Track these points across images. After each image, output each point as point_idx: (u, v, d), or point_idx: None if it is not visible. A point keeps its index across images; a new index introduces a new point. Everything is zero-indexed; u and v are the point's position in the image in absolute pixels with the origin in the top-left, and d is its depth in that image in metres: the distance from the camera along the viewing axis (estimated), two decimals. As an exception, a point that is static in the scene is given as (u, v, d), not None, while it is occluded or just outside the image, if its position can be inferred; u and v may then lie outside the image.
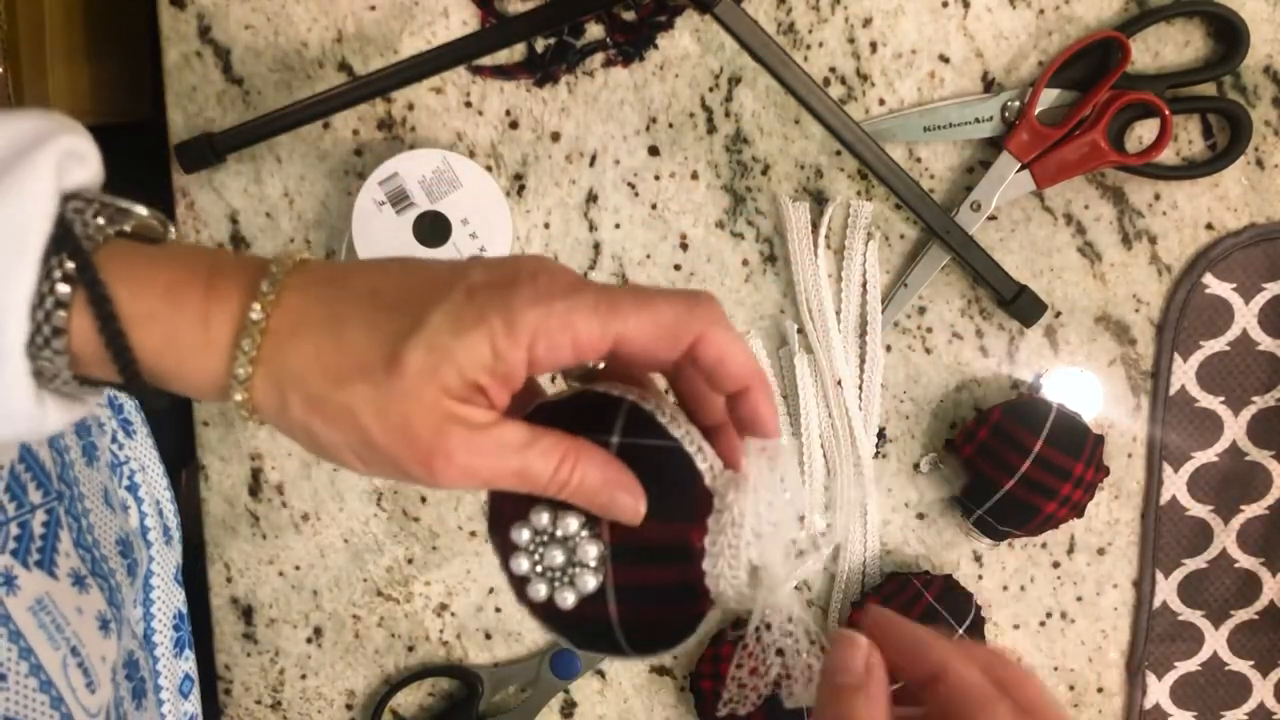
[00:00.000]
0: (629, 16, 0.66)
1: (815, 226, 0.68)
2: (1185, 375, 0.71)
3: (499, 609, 0.71)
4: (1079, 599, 0.73)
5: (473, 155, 0.67)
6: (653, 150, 0.67)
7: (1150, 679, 0.74)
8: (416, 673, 0.71)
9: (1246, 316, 0.70)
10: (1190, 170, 0.68)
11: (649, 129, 0.67)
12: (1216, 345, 0.70)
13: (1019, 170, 0.67)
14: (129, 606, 0.56)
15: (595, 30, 0.66)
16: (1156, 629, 0.74)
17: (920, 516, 0.72)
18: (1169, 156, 0.69)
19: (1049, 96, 0.67)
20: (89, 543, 0.52)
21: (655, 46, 0.66)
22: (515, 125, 0.67)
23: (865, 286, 0.69)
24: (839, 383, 0.69)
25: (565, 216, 0.68)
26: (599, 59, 0.66)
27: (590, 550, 0.36)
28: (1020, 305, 0.68)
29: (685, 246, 0.69)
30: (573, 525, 0.36)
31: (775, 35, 0.65)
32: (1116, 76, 0.65)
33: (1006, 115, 0.67)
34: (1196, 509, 0.72)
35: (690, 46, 0.66)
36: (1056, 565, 0.73)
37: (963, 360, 0.71)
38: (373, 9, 0.65)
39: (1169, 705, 0.75)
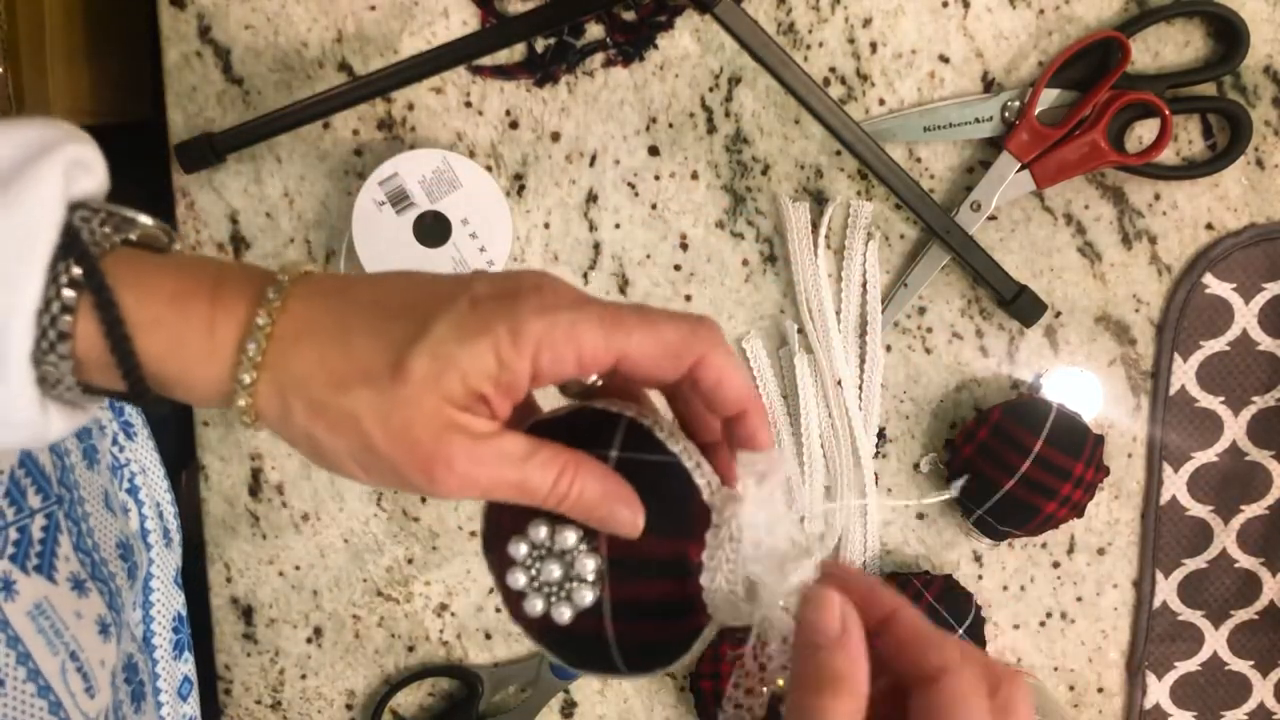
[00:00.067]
0: (629, 16, 0.66)
1: (815, 226, 0.68)
2: (1185, 375, 0.71)
3: (499, 609, 0.71)
4: (1079, 599, 0.73)
5: (473, 155, 0.66)
6: (653, 150, 0.67)
7: (1150, 679, 0.74)
8: (416, 673, 0.71)
9: (1246, 316, 0.70)
10: (1190, 170, 0.68)
11: (649, 129, 0.67)
12: (1216, 345, 0.70)
13: (1019, 170, 0.67)
14: (128, 609, 0.56)
15: (595, 30, 0.66)
16: (1156, 629, 0.74)
17: (920, 516, 0.72)
18: (1169, 156, 0.69)
19: (1049, 96, 0.67)
20: (89, 546, 0.52)
21: (655, 46, 0.66)
22: (515, 125, 0.67)
23: (865, 286, 0.69)
24: (839, 383, 0.69)
25: (565, 216, 0.68)
26: (599, 59, 0.66)
27: (588, 564, 0.36)
28: (1020, 305, 0.68)
29: (685, 246, 0.68)
30: (570, 539, 0.36)
31: (775, 35, 0.65)
32: (1116, 76, 0.65)
33: (1006, 115, 0.67)
34: (1196, 509, 0.72)
35: (690, 46, 0.66)
36: (1056, 565, 0.73)
37: (963, 360, 0.71)
38: (373, 9, 0.65)
39: (1169, 705, 0.75)
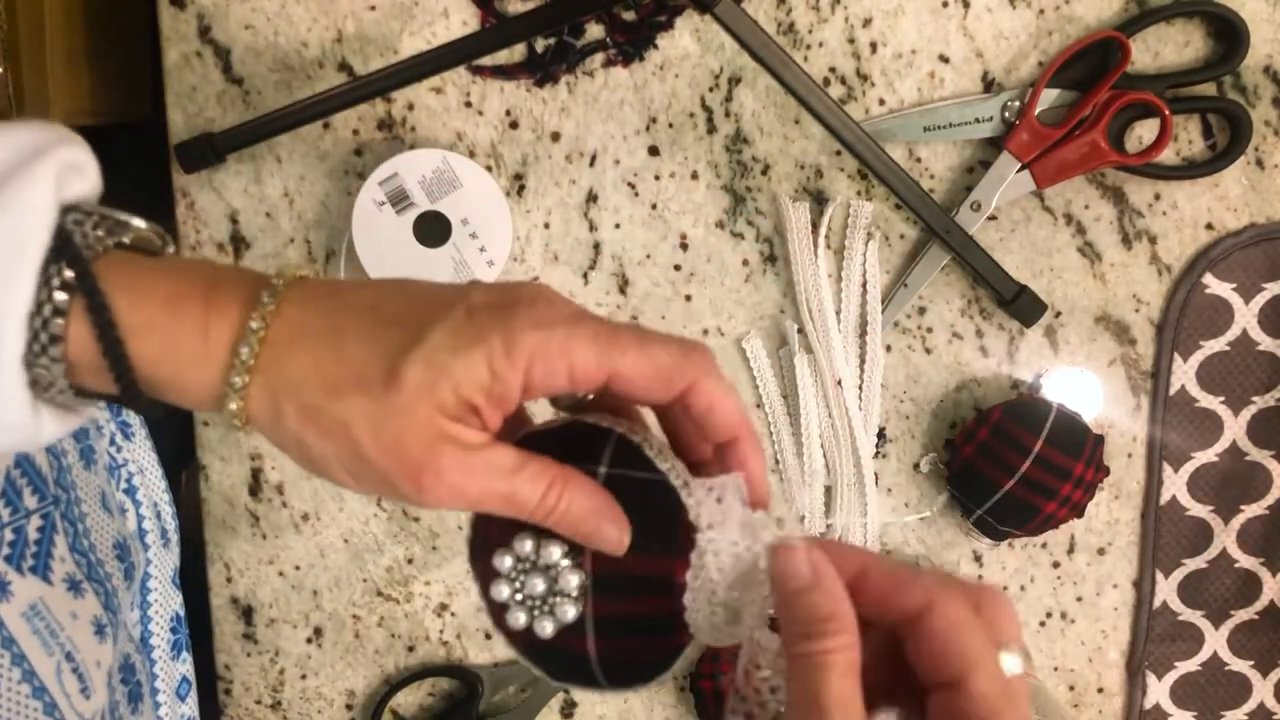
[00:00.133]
0: (629, 16, 0.66)
1: (815, 226, 0.68)
2: (1185, 375, 0.71)
3: (499, 609, 0.71)
4: (1079, 599, 0.73)
5: (473, 155, 0.66)
6: (653, 150, 0.67)
7: (1150, 679, 0.74)
8: (416, 673, 0.71)
9: (1246, 316, 0.70)
10: (1190, 170, 0.68)
11: (649, 129, 0.67)
12: (1216, 345, 0.70)
13: (1019, 170, 0.67)
14: (125, 610, 0.56)
15: (595, 30, 0.66)
16: (1156, 629, 0.73)
17: (920, 517, 0.72)
18: (1169, 156, 0.69)
19: (1049, 96, 0.67)
20: (85, 547, 0.52)
21: (655, 46, 0.66)
22: (515, 125, 0.67)
23: (865, 286, 0.69)
24: (839, 383, 0.69)
25: (565, 216, 0.68)
26: (599, 59, 0.66)
27: (572, 580, 0.36)
28: (1020, 305, 0.68)
29: (685, 246, 0.68)
30: (555, 554, 0.36)
31: (775, 35, 0.65)
32: (1116, 76, 0.65)
33: (1006, 115, 0.67)
34: (1196, 509, 0.72)
35: (690, 46, 0.66)
36: (1056, 565, 0.73)
37: (963, 360, 0.71)
38: (373, 9, 0.65)
39: (1169, 705, 0.75)
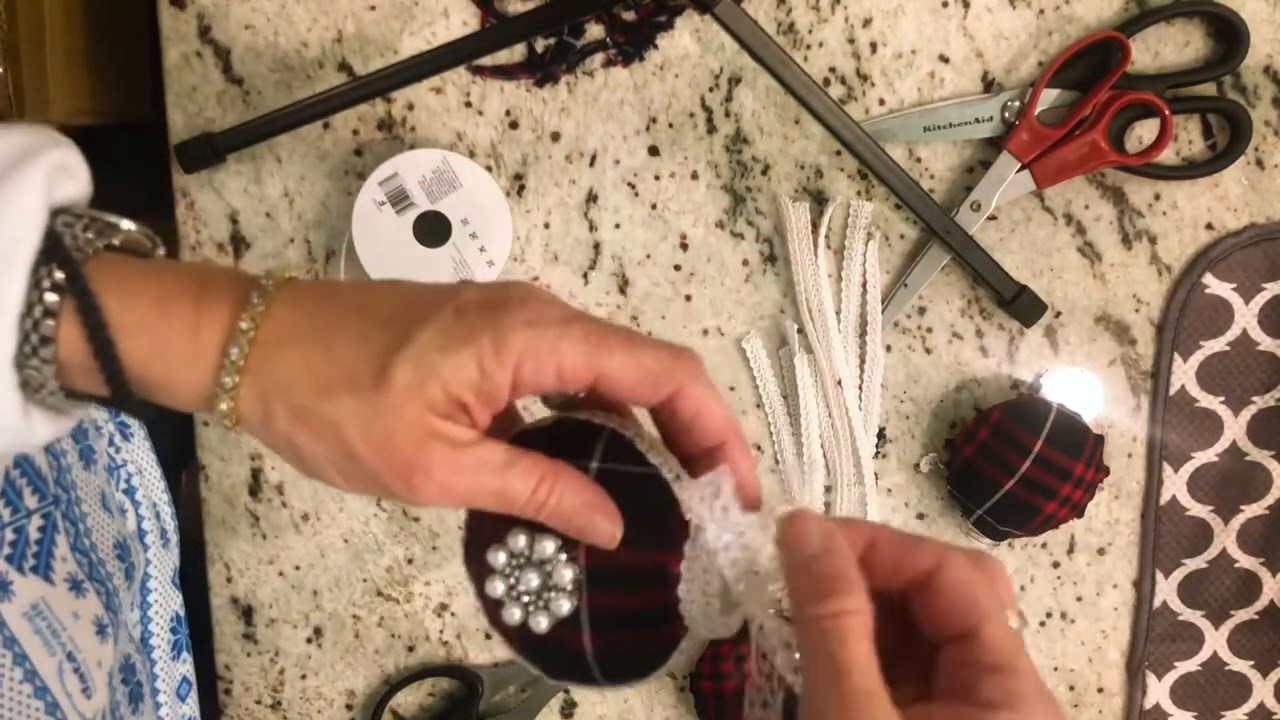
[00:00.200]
0: (629, 16, 0.66)
1: (815, 226, 0.68)
2: (1185, 375, 0.71)
3: (499, 609, 0.71)
4: (1079, 599, 0.73)
5: (473, 155, 0.66)
6: (653, 150, 0.67)
7: (1150, 679, 0.74)
8: (416, 673, 0.71)
9: (1246, 316, 0.70)
10: (1190, 170, 0.68)
11: (649, 129, 0.67)
12: (1216, 345, 0.70)
13: (1019, 170, 0.67)
14: (126, 610, 0.56)
15: (595, 30, 0.66)
16: (1156, 629, 0.73)
17: (920, 516, 0.72)
18: (1169, 156, 0.69)
19: (1049, 96, 0.67)
20: (86, 547, 0.52)
21: (655, 46, 0.66)
22: (515, 125, 0.67)
23: (865, 286, 0.69)
24: (839, 383, 0.69)
25: (565, 216, 0.68)
26: (599, 59, 0.66)
27: (566, 574, 0.36)
28: (1020, 305, 0.68)
29: (685, 246, 0.68)
30: (549, 548, 0.36)
31: (775, 35, 0.65)
32: (1116, 76, 0.65)
33: (1006, 115, 0.67)
34: (1196, 509, 0.72)
35: (690, 46, 0.66)
36: (1056, 565, 0.73)
37: (963, 360, 0.71)
38: (373, 9, 0.65)
39: (1169, 705, 0.75)
